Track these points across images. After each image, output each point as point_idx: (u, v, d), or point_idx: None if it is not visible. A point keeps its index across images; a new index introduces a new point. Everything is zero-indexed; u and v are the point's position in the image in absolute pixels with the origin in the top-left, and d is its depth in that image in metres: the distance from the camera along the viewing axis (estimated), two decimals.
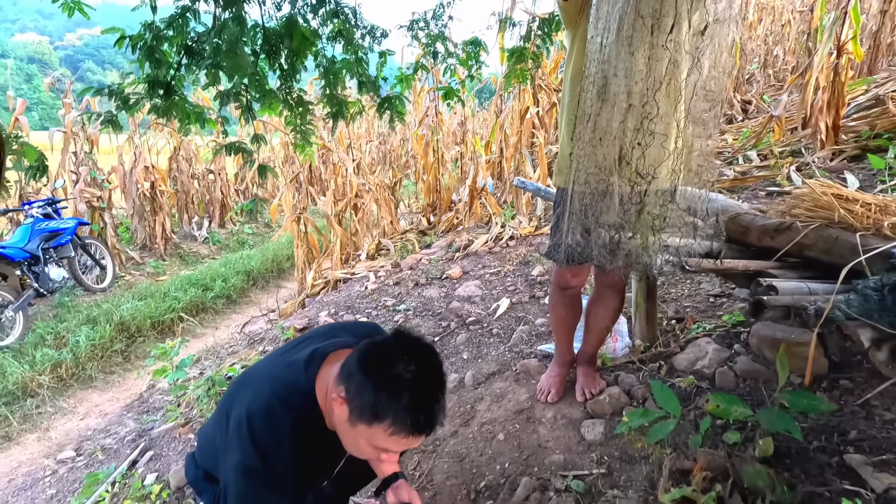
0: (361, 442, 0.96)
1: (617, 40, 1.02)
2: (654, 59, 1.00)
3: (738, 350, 1.91)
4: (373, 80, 2.78)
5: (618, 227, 1.11)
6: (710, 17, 0.93)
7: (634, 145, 1.03)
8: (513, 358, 2.33)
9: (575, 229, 1.18)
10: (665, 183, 1.06)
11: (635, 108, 1.03)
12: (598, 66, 1.07)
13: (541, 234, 4.12)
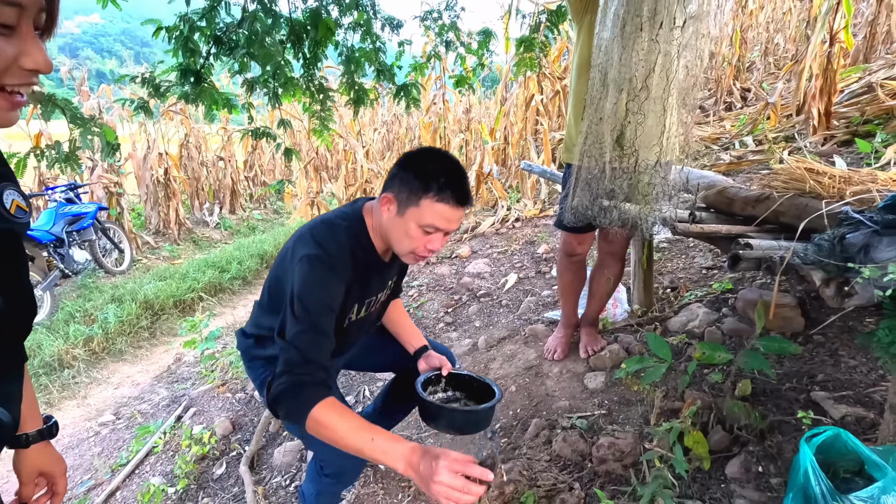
0: (411, 226, 1.05)
1: (618, 35, 1.21)
2: (648, 51, 1.20)
3: (725, 313, 2.13)
4: (389, 67, 2.97)
5: (615, 193, 1.32)
6: (688, 14, 1.12)
7: (628, 123, 1.24)
8: (521, 325, 2.55)
9: (582, 195, 1.39)
10: (656, 157, 1.27)
11: (632, 91, 1.23)
12: (604, 57, 1.27)
13: (545, 216, 4.32)
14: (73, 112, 1.54)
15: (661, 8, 1.17)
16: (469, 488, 0.79)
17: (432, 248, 1.10)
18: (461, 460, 0.81)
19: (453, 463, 0.80)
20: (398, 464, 0.85)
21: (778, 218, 1.54)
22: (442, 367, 1.32)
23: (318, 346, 1.00)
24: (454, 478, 0.79)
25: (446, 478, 0.79)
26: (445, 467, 0.80)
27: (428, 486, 0.81)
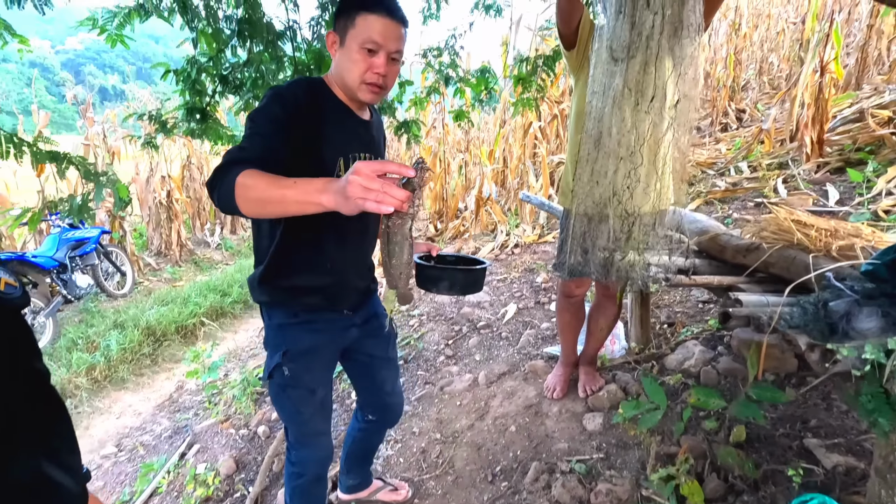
0: (353, 49, 1.12)
1: (610, 104, 1.27)
2: (639, 121, 1.26)
3: (721, 351, 2.17)
4: (390, 103, 3.04)
5: (611, 249, 1.37)
6: (681, 93, 1.18)
7: (624, 188, 1.29)
8: (521, 359, 2.59)
9: (576, 251, 1.44)
10: (648, 215, 1.32)
11: (624, 158, 1.28)
12: (595, 123, 1.33)
13: (544, 243, 4.37)
14: (87, 168, 1.60)
15: (649, 81, 1.23)
16: (389, 189, 0.74)
17: (378, 70, 1.14)
18: (377, 163, 0.76)
19: (367, 165, 0.75)
20: (319, 195, 0.81)
21: (768, 268, 1.59)
22: (430, 249, 1.46)
23: (255, 144, 1.03)
24: (370, 178, 0.74)
25: (360, 177, 0.74)
26: (359, 168, 0.75)
27: (345, 193, 0.76)
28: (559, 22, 1.65)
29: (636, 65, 1.23)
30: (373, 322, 1.47)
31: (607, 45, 1.26)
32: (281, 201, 0.86)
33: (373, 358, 1.50)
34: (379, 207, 0.74)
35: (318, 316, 1.31)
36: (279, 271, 1.25)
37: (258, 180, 0.88)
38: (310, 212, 0.84)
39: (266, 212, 0.89)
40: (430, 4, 2.93)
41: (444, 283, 1.34)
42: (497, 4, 2.86)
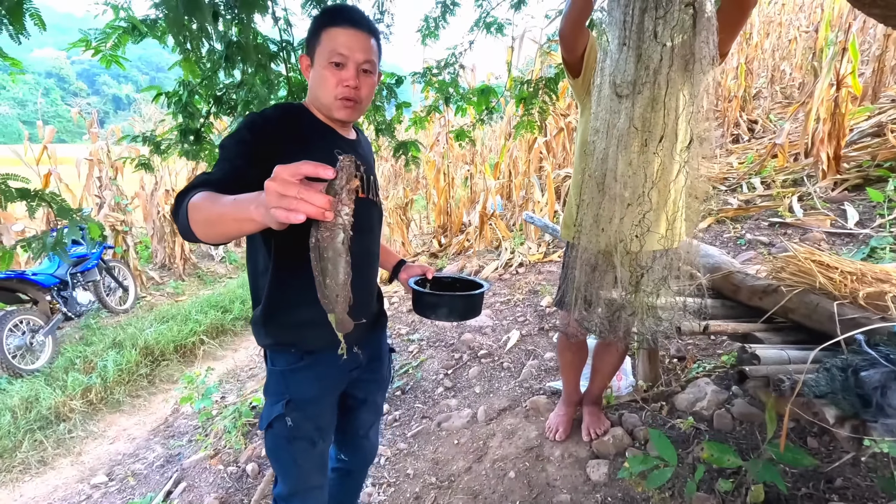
0: (323, 65, 1.10)
1: (614, 144, 1.16)
2: (647, 162, 1.15)
3: (735, 392, 2.03)
4: (389, 124, 2.96)
5: (617, 305, 1.25)
6: (693, 133, 1.07)
7: (632, 237, 1.18)
8: (523, 393, 2.46)
9: (579, 302, 1.32)
10: (659, 267, 1.20)
11: (631, 204, 1.17)
12: (599, 164, 1.22)
13: (549, 262, 4.25)
14: (60, 205, 1.52)
15: (657, 120, 1.12)
16: (305, 194, 0.63)
17: (348, 82, 1.11)
18: (293, 165, 0.65)
19: (285, 168, 0.65)
20: (250, 208, 0.72)
21: (787, 314, 1.46)
22: (426, 272, 1.42)
23: (221, 167, 0.99)
24: (286, 184, 0.64)
25: (276, 182, 0.65)
26: (276, 172, 0.65)
27: (264, 202, 0.67)
28: (563, 49, 1.54)
29: (643, 101, 1.12)
30: (374, 363, 1.38)
31: (610, 81, 1.15)
32: (221, 220, 0.79)
33: (360, 402, 1.40)
34: (289, 216, 0.63)
35: (323, 358, 1.22)
36: (279, 307, 1.18)
37: (206, 201, 0.82)
38: (249, 230, 0.77)
39: (214, 233, 0.82)
40: (428, 24, 2.85)
41: (442, 309, 1.31)
42: (498, 22, 2.77)
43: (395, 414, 2.56)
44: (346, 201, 0.68)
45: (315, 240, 0.72)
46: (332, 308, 0.80)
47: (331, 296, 0.78)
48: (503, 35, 2.88)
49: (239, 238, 0.87)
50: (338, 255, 0.73)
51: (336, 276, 0.75)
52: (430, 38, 2.82)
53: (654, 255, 1.23)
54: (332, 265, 0.74)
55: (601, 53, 1.17)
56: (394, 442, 2.34)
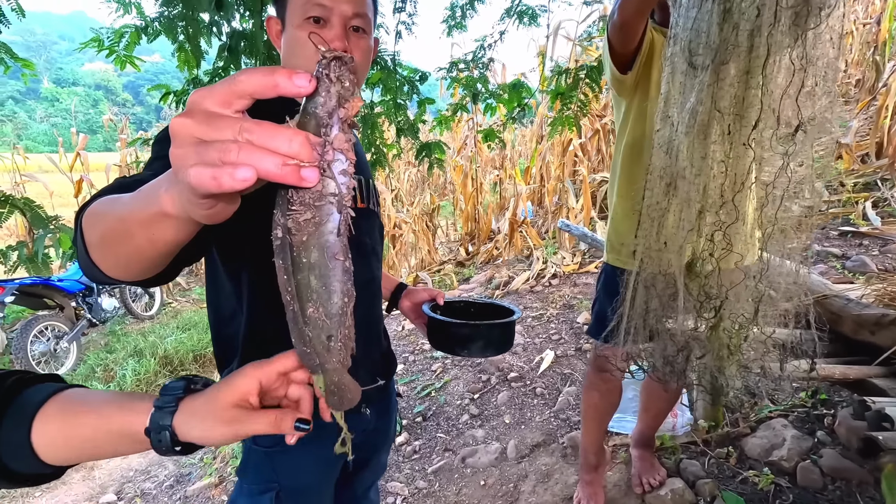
0: (295, 25, 0.82)
1: (689, 135, 0.88)
2: (735, 157, 0.86)
3: (822, 439, 1.68)
4: (412, 123, 2.72)
5: (683, 343, 0.96)
6: (804, 116, 0.77)
7: (708, 254, 0.88)
8: (559, 426, 2.16)
9: (637, 334, 1.03)
10: (745, 301, 0.90)
11: (710, 211, 0.88)
12: (666, 161, 0.93)
13: (586, 273, 3.92)
14: (35, 212, 1.35)
15: (752, 99, 0.83)
16: (259, 133, 0.34)
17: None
18: (228, 78, 0.36)
19: (207, 92, 0.35)
20: (160, 189, 0.41)
21: None
22: (436, 297, 1.14)
23: (150, 169, 0.69)
24: (211, 120, 0.34)
25: (190, 119, 0.35)
26: (191, 102, 0.36)
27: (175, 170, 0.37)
28: (619, 39, 1.26)
29: (730, 75, 0.83)
30: (383, 420, 1.07)
31: (684, 49, 0.87)
32: (122, 230, 0.47)
33: (362, 463, 1.12)
34: (220, 180, 0.32)
35: (324, 430, 0.93)
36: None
37: (103, 206, 0.51)
38: (165, 237, 0.45)
39: (117, 256, 0.51)
40: (454, 13, 2.61)
41: (476, 343, 1.07)
42: (532, 10, 2.50)
43: (415, 444, 2.30)
44: (341, 144, 0.35)
45: (282, 232, 0.39)
46: (320, 361, 0.46)
47: (317, 338, 0.43)
48: (537, 25, 2.60)
49: (159, 261, 0.51)
50: (328, 257, 0.39)
51: (326, 300, 0.41)
52: (456, 29, 2.57)
53: (739, 277, 0.93)
54: (317, 278, 0.40)
55: (674, 11, 0.89)
56: (412, 478, 2.08)
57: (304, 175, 0.34)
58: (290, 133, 0.33)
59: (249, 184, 0.32)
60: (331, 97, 0.35)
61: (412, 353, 3.34)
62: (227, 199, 0.39)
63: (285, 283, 0.40)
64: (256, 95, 0.35)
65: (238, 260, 0.83)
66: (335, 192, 0.36)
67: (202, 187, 0.33)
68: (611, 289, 1.42)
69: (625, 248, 1.39)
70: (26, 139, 48.40)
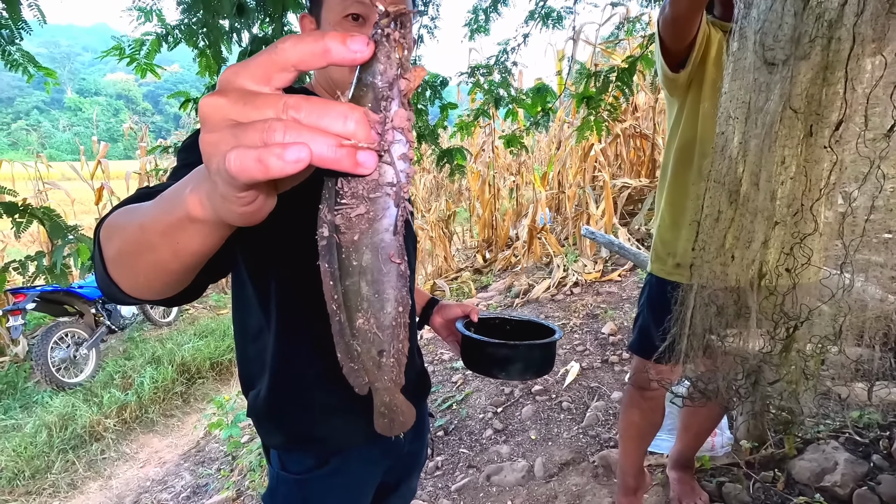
0: (333, 23, 0.76)
1: (759, 138, 0.80)
2: (814, 161, 0.77)
3: (878, 464, 1.56)
4: (432, 129, 2.67)
5: (752, 366, 0.87)
6: None
7: (782, 270, 0.80)
8: (588, 444, 2.07)
9: (694, 355, 0.95)
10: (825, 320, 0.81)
11: (784, 223, 0.80)
12: (730, 165, 0.85)
13: (608, 281, 3.81)
14: (54, 222, 1.31)
15: (833, 97, 0.74)
16: (311, 108, 0.28)
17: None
18: (267, 50, 0.29)
19: (242, 67, 0.29)
20: (185, 190, 0.36)
21: None
22: (470, 313, 1.07)
23: (173, 177, 0.65)
24: (250, 97, 0.29)
25: (224, 98, 0.29)
26: (223, 80, 0.30)
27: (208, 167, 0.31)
28: (672, 34, 1.18)
29: (808, 70, 0.75)
30: (416, 443, 1.00)
31: (756, 42, 0.79)
32: (142, 240, 0.42)
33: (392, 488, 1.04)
34: (268, 167, 0.26)
35: (356, 455, 0.86)
36: (290, 387, 0.82)
37: (122, 217, 0.46)
38: (191, 247, 0.39)
39: (136, 271, 0.45)
40: (476, 16, 2.55)
41: (515, 365, 0.99)
42: (558, 13, 2.43)
43: (438, 460, 2.22)
44: (402, 122, 0.29)
45: (328, 231, 0.33)
46: (370, 379, 0.40)
47: (367, 353, 0.37)
48: (562, 27, 2.54)
49: (184, 276, 0.46)
50: (382, 259, 0.33)
51: (378, 310, 0.35)
52: (479, 32, 2.52)
53: (816, 294, 0.85)
54: (368, 284, 0.34)
55: (739, 3, 0.81)
56: (435, 496, 2.00)
57: (361, 160, 0.28)
58: (346, 108, 0.28)
59: (303, 166, 0.27)
60: (391, 64, 0.29)
61: (431, 364, 3.26)
62: (267, 193, 0.33)
63: (331, 290, 0.35)
64: (302, 66, 0.29)
65: (265, 268, 0.78)
66: (393, 182, 0.30)
67: (245, 174, 0.27)
68: (656, 302, 1.34)
69: (672, 258, 1.30)
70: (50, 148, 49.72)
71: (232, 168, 0.27)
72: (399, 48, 0.29)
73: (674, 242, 1.29)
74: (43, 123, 63.02)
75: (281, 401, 0.82)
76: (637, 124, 5.20)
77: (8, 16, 1.38)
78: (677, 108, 1.29)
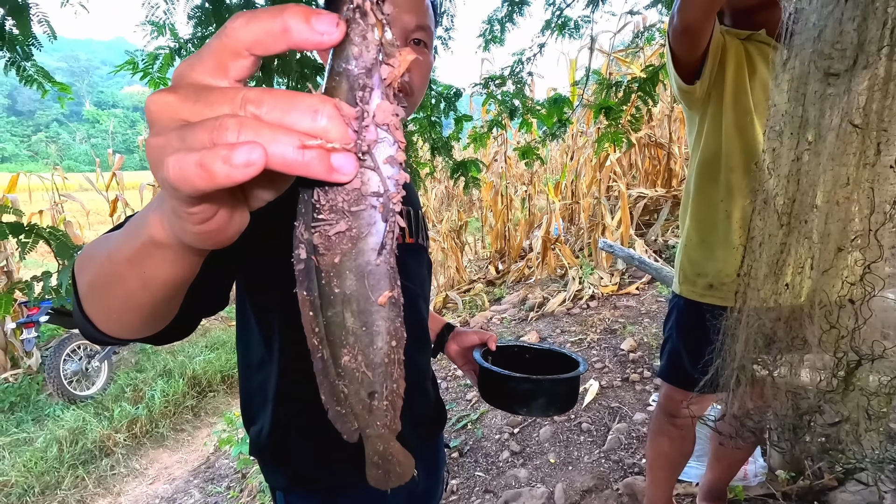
0: None
1: (816, 153, 0.72)
2: (881, 180, 0.70)
3: None
4: (446, 141, 2.62)
5: (809, 405, 0.79)
6: None
7: (844, 299, 0.72)
8: (611, 469, 1.97)
9: (744, 392, 0.87)
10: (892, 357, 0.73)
11: (844, 248, 0.72)
12: (780, 182, 0.78)
13: (626, 294, 3.71)
14: (60, 241, 1.27)
15: None
16: (271, 100, 0.23)
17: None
18: (222, 31, 0.24)
19: (194, 61, 0.25)
20: (148, 213, 0.32)
21: None
22: (488, 341, 0.99)
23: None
24: (200, 91, 0.24)
25: (177, 94, 0.24)
26: (177, 73, 0.25)
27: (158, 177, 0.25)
28: (683, 44, 1.12)
29: (874, 82, 0.68)
30: (431, 478, 0.94)
31: (812, 52, 0.72)
32: (112, 272, 0.37)
33: None
34: (212, 174, 0.22)
35: (366, 495, 0.77)
36: (292, 424, 0.75)
37: (92, 249, 0.42)
38: (160, 272, 0.34)
39: (109, 309, 0.40)
40: (491, 27, 2.51)
41: (538, 401, 0.91)
42: (575, 22, 2.38)
43: (453, 484, 2.14)
44: (386, 117, 0.24)
45: (306, 252, 0.28)
46: (360, 425, 0.34)
47: (354, 395, 0.32)
48: (579, 37, 2.48)
49: (160, 310, 0.41)
50: (370, 285, 0.28)
51: (366, 345, 0.30)
52: (494, 42, 2.47)
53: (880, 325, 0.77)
54: (354, 315, 0.29)
55: (788, 7, 0.75)
56: None
57: (337, 164, 0.23)
58: (315, 101, 0.23)
59: (255, 171, 0.22)
60: (368, 47, 0.23)
61: (444, 380, 3.19)
62: (232, 208, 0.28)
63: (311, 322, 0.30)
64: (258, 50, 0.24)
65: (267, 299, 0.72)
66: (379, 191, 0.25)
67: (186, 183, 0.22)
68: (687, 326, 1.26)
69: (702, 278, 1.22)
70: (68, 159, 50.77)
71: (171, 176, 0.23)
72: (378, 27, 0.23)
73: (704, 262, 1.21)
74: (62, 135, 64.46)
75: (284, 439, 0.76)
76: (652, 133, 5.12)
77: (18, 31, 1.36)
78: (698, 122, 1.22)
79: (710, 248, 1.22)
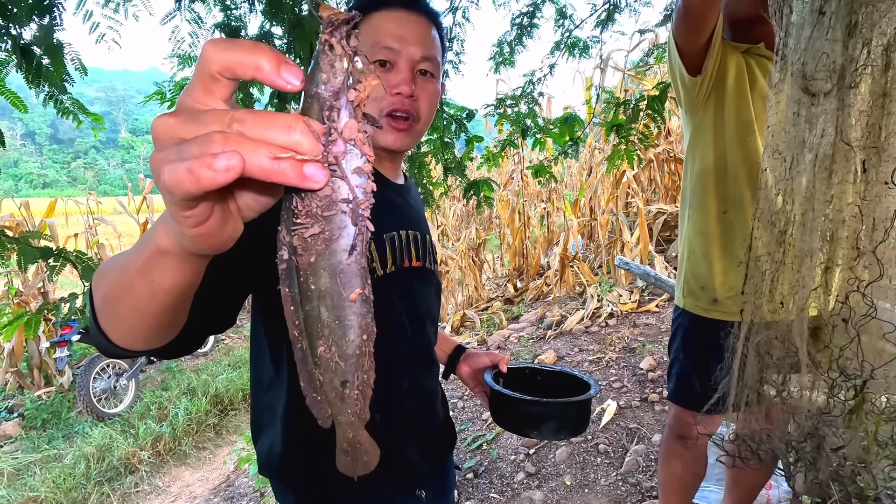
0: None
1: (807, 174, 0.72)
2: (872, 199, 0.69)
3: None
4: (459, 161, 2.66)
5: (813, 432, 0.77)
6: None
7: (850, 318, 0.71)
8: (629, 492, 1.92)
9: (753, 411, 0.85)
10: None
11: (844, 266, 0.71)
12: (777, 204, 0.78)
13: (646, 312, 3.65)
14: (86, 265, 1.34)
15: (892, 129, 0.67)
16: (254, 121, 0.27)
17: (401, 88, 0.74)
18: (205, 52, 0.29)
19: (192, 89, 0.30)
20: (158, 226, 0.35)
21: None
22: (499, 363, 1.00)
23: None
24: (193, 118, 0.28)
25: (174, 120, 0.29)
26: (181, 99, 0.31)
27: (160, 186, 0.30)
28: (685, 32, 1.14)
29: (864, 100, 0.68)
30: (439, 500, 0.94)
31: (797, 72, 0.72)
32: (124, 283, 0.41)
33: None
34: (198, 176, 0.26)
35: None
36: (302, 444, 0.77)
37: (107, 264, 0.45)
38: (165, 279, 0.38)
39: (120, 320, 0.44)
40: (501, 49, 2.56)
41: (549, 424, 0.92)
42: (584, 42, 2.41)
43: None
44: (353, 133, 0.28)
45: (287, 253, 0.32)
46: (333, 411, 0.37)
47: (329, 384, 0.35)
48: (589, 56, 2.51)
49: (167, 320, 0.44)
50: (342, 282, 0.32)
51: (339, 338, 0.34)
52: (504, 65, 2.52)
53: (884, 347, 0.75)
54: (328, 310, 0.33)
55: (780, 32, 0.76)
56: None
57: (308, 172, 0.27)
58: (290, 118, 0.27)
59: (234, 175, 0.26)
60: (335, 73, 0.28)
61: (461, 399, 3.17)
62: (223, 214, 0.32)
63: (292, 316, 0.34)
64: (228, 74, 0.28)
65: (277, 321, 0.75)
66: (348, 198, 0.29)
67: (178, 187, 0.27)
68: (693, 343, 1.24)
69: (706, 293, 1.21)
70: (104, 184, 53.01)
71: (166, 181, 0.27)
72: (347, 57, 0.28)
73: (707, 276, 1.20)
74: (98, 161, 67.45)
75: (292, 458, 0.78)
76: (671, 149, 5.07)
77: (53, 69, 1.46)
78: (693, 129, 1.23)
79: (711, 262, 1.21)
